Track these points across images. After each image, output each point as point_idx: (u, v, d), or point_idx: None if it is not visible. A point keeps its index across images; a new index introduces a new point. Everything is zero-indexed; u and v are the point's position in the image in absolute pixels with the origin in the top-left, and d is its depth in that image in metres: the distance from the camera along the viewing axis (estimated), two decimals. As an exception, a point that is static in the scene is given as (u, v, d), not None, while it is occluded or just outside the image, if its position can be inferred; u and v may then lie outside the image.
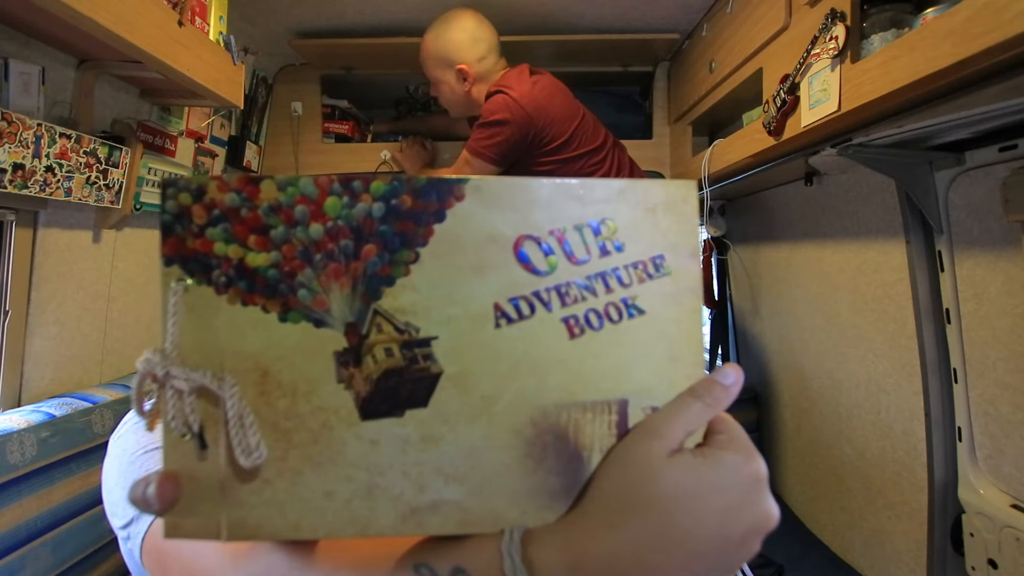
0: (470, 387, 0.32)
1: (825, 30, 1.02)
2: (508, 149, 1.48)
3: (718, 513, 0.29)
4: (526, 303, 0.32)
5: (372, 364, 0.31)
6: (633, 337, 0.33)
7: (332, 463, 0.31)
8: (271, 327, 0.31)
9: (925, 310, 1.20)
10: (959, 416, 1.17)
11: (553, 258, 0.32)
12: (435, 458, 0.32)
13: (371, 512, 0.31)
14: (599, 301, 0.33)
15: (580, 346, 0.32)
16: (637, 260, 0.33)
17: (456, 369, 0.32)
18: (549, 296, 0.32)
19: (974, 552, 1.14)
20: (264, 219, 0.31)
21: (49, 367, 1.17)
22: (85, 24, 0.87)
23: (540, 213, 0.32)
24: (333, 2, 1.56)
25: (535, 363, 0.32)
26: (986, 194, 1.06)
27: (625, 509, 0.29)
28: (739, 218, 2.02)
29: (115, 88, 1.26)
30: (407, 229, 0.32)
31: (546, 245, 0.32)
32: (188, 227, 0.31)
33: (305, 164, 2.00)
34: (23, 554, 0.95)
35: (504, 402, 0.32)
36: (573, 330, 0.32)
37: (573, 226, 0.32)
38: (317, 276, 0.31)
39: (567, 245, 0.32)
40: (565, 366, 0.32)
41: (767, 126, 1.23)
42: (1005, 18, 0.66)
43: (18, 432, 0.97)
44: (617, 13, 1.63)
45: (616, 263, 0.33)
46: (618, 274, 0.33)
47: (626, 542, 0.29)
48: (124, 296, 1.37)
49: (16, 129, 0.93)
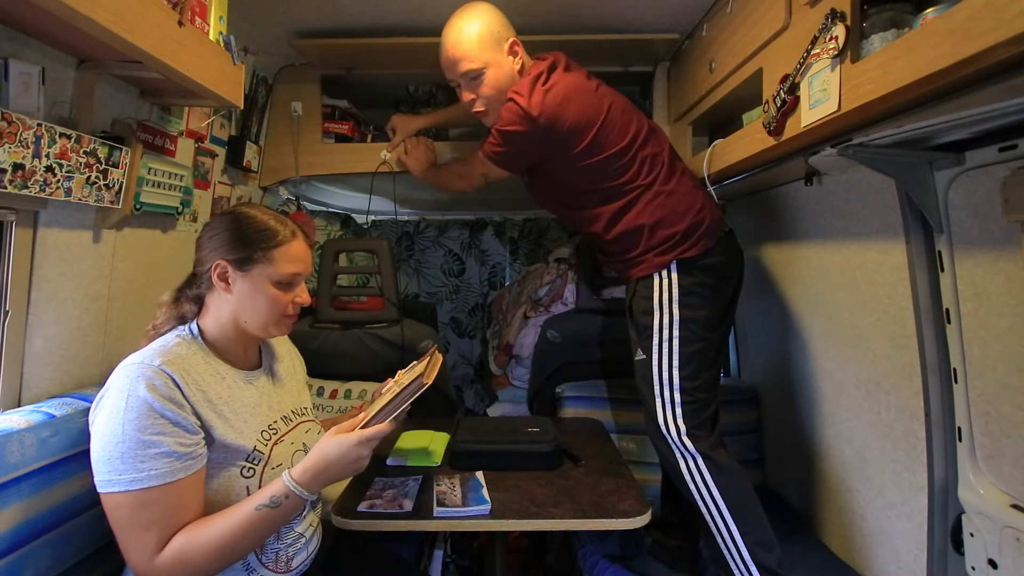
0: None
1: (825, 30, 1.02)
2: (520, 158, 1.46)
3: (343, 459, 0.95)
4: None
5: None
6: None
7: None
8: None
9: (925, 310, 1.20)
10: (959, 416, 1.17)
11: None
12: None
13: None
14: None
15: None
16: None
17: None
18: None
19: (974, 552, 1.14)
20: None
21: (49, 367, 1.17)
22: (85, 24, 0.87)
23: None
24: (333, 2, 1.56)
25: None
26: (986, 194, 1.06)
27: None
28: (739, 218, 2.02)
29: (115, 88, 1.26)
30: None
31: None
32: None
33: (305, 164, 2.01)
34: (23, 554, 0.95)
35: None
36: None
37: None
38: None
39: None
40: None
41: (767, 126, 1.23)
42: (1005, 18, 0.66)
43: (18, 432, 0.97)
44: (617, 13, 1.64)
45: None
46: None
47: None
48: (124, 296, 1.37)
49: (16, 129, 0.93)
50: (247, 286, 1.00)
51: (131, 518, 0.85)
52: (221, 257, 0.99)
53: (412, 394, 0.99)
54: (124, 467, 0.85)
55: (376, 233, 2.78)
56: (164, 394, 0.88)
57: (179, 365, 0.92)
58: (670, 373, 1.34)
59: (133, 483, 0.84)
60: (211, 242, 1.01)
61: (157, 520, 0.85)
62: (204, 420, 0.92)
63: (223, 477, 0.95)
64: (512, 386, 2.23)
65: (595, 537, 1.58)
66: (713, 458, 1.30)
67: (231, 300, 1.01)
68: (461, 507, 1.09)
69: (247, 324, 1.03)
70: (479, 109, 1.47)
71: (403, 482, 1.21)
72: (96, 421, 0.89)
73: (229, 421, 0.96)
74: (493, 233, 2.85)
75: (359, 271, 2.46)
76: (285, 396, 1.14)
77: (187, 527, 0.88)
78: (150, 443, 0.85)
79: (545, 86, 1.37)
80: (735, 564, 1.27)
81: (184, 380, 0.91)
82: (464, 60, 1.41)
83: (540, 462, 1.33)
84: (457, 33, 1.41)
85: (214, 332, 1.03)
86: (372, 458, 1.37)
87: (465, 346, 2.84)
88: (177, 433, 0.88)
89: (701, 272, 1.38)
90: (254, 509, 0.89)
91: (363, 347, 1.88)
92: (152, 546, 0.85)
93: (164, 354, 0.93)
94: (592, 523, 1.10)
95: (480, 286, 2.85)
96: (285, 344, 1.26)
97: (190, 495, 0.89)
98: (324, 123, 2.01)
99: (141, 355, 0.93)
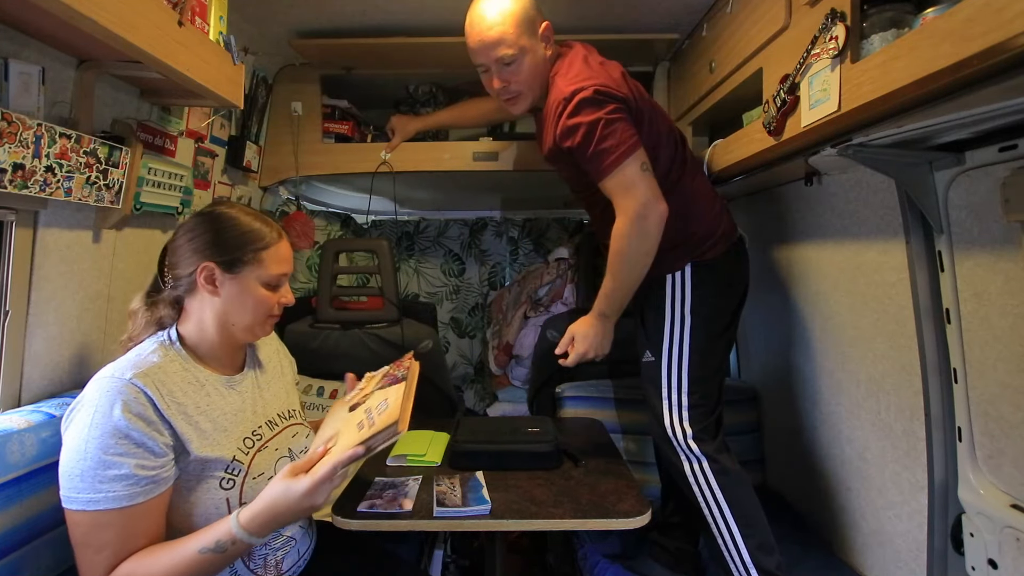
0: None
1: (825, 30, 1.02)
2: (634, 133, 1.25)
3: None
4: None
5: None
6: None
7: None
8: None
9: (925, 310, 1.20)
10: (959, 416, 1.17)
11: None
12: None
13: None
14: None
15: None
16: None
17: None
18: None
19: (974, 552, 1.14)
20: None
21: (49, 367, 1.17)
22: (85, 24, 0.87)
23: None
24: (333, 2, 1.56)
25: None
26: (986, 194, 1.06)
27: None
28: (739, 218, 2.01)
29: (115, 88, 1.26)
30: None
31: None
32: None
33: (305, 164, 2.01)
34: (23, 554, 0.95)
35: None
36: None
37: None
38: None
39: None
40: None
41: (767, 126, 1.23)
42: (1005, 18, 0.66)
43: (18, 432, 0.97)
44: (617, 13, 1.64)
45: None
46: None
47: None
48: (124, 296, 1.36)
49: (16, 129, 0.93)
50: (236, 288, 0.99)
51: (85, 537, 0.84)
52: (207, 260, 0.97)
53: (382, 442, 0.89)
54: (83, 486, 0.82)
55: (376, 233, 2.78)
56: (135, 412, 0.85)
57: (154, 377, 0.90)
58: (679, 376, 1.33)
59: (89, 504, 0.82)
60: (193, 244, 0.98)
61: (109, 543, 0.83)
62: (179, 434, 0.89)
63: (201, 489, 0.92)
64: (512, 386, 2.23)
65: (595, 537, 1.58)
66: (718, 461, 1.30)
67: (217, 303, 0.99)
68: (461, 507, 1.09)
69: (234, 327, 1.01)
70: (511, 94, 1.37)
71: (403, 482, 1.21)
72: (66, 433, 0.87)
73: (206, 433, 0.93)
74: (493, 233, 2.85)
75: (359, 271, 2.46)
76: (271, 399, 1.11)
77: (136, 555, 0.85)
78: (111, 463, 0.83)
79: (600, 63, 1.31)
80: (736, 566, 1.27)
81: (159, 393, 0.88)
82: (500, 45, 1.29)
83: (540, 462, 1.33)
84: (492, 12, 1.29)
85: (195, 337, 1.01)
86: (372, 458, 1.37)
87: (465, 346, 2.84)
88: (141, 455, 0.84)
89: (715, 276, 1.35)
90: (198, 552, 0.85)
91: (363, 347, 1.88)
92: (101, 569, 0.83)
93: (139, 366, 0.90)
94: (592, 523, 1.10)
95: (480, 286, 2.84)
96: (272, 344, 1.22)
97: (147, 520, 0.86)
98: (324, 123, 2.01)
99: (116, 367, 0.90)
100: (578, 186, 1.47)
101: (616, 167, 1.22)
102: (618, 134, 1.22)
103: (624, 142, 1.22)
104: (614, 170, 1.23)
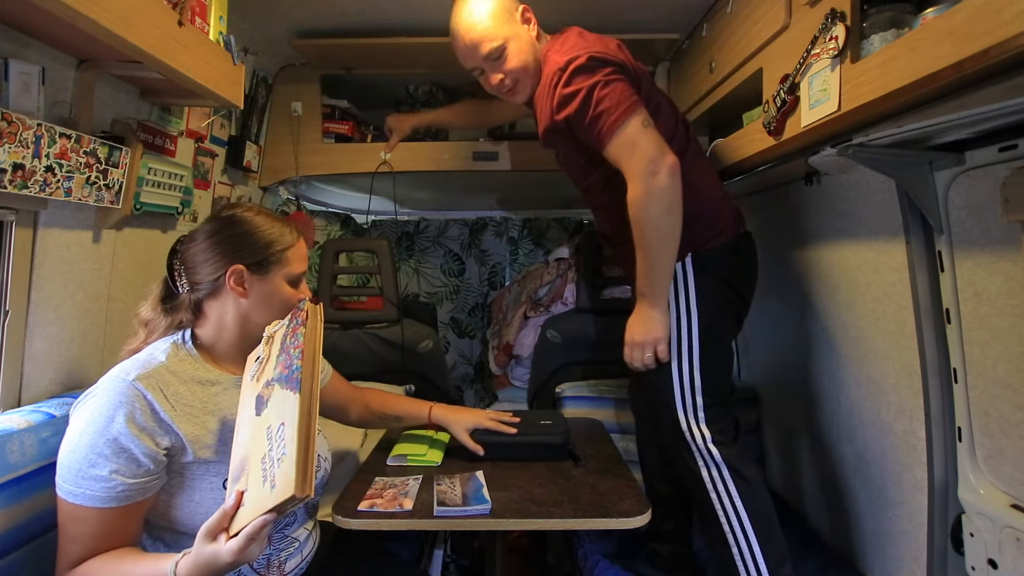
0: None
1: (825, 30, 1.02)
2: (634, 93, 1.20)
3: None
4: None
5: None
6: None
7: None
8: None
9: (925, 310, 1.20)
10: (959, 416, 1.17)
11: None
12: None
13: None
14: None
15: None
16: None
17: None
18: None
19: (974, 552, 1.14)
20: None
21: (49, 367, 1.17)
22: (85, 24, 0.87)
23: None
24: (333, 2, 1.56)
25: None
26: (986, 194, 1.06)
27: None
28: (739, 218, 2.02)
29: (115, 88, 1.26)
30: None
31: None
32: None
33: (305, 164, 2.01)
34: (23, 554, 0.95)
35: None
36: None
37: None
38: None
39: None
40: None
41: (767, 126, 1.23)
42: (1005, 18, 0.66)
43: (18, 432, 0.97)
44: (617, 13, 1.64)
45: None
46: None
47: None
48: (124, 296, 1.37)
49: (16, 129, 0.93)
50: (265, 289, 1.01)
51: (64, 524, 0.86)
52: (236, 263, 0.98)
53: (292, 507, 0.78)
54: (69, 476, 0.85)
55: (376, 233, 2.78)
56: (135, 421, 0.86)
57: (158, 379, 0.91)
58: (691, 375, 1.26)
59: (70, 495, 0.84)
60: (218, 247, 0.99)
61: (80, 537, 0.85)
62: (181, 436, 0.90)
63: (203, 488, 0.92)
64: (512, 386, 2.23)
65: (595, 537, 1.58)
66: (739, 470, 1.25)
67: (244, 304, 1.00)
68: (461, 507, 1.09)
69: (257, 326, 1.01)
70: (509, 86, 1.36)
71: (403, 482, 1.21)
72: (71, 422, 0.89)
73: (212, 431, 0.94)
74: (493, 233, 2.85)
75: (359, 271, 2.46)
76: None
77: (101, 556, 0.85)
78: (95, 463, 0.84)
79: (596, 37, 1.28)
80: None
81: (162, 395, 0.90)
82: (483, 42, 1.30)
83: (553, 452, 1.34)
84: (468, 16, 1.30)
85: (212, 338, 1.02)
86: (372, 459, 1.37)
87: (465, 346, 2.84)
88: (124, 464, 0.85)
89: (718, 266, 1.28)
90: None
91: (363, 347, 1.88)
92: (70, 559, 0.85)
93: (146, 366, 0.91)
94: (592, 523, 1.10)
95: (480, 286, 2.85)
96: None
97: (119, 524, 0.87)
98: (324, 123, 2.01)
99: (123, 367, 0.91)
100: (576, 171, 1.42)
101: (618, 127, 1.16)
102: (616, 94, 1.16)
103: (623, 102, 1.16)
104: (616, 131, 1.16)
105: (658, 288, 1.22)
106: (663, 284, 1.23)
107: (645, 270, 1.21)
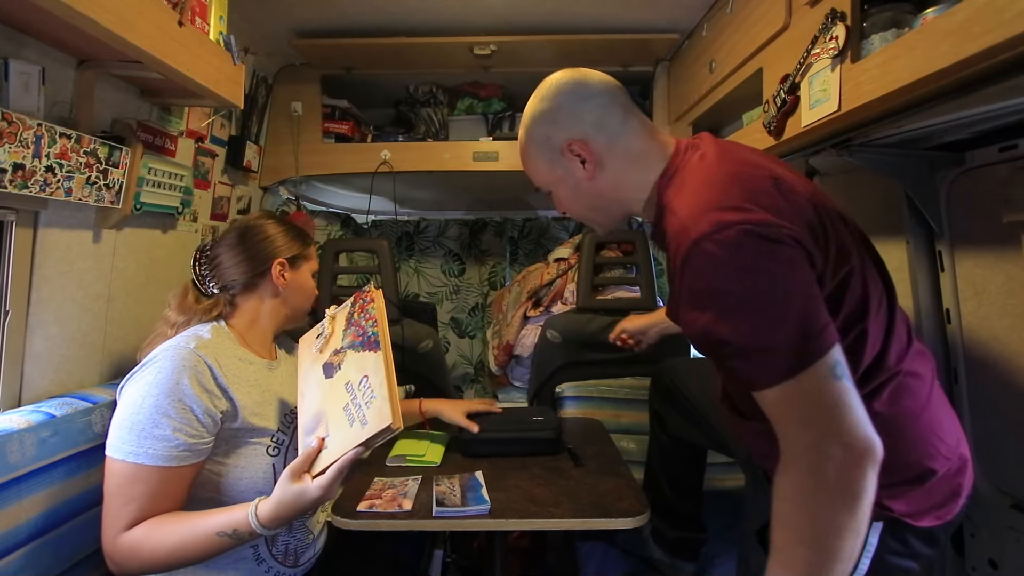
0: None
1: (825, 30, 1.02)
2: (807, 287, 0.72)
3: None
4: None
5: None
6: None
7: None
8: None
9: (925, 310, 1.20)
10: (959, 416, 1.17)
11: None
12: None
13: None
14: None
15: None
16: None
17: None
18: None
19: (974, 552, 1.14)
20: None
21: (49, 367, 1.17)
22: (85, 24, 0.87)
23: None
24: (333, 2, 1.56)
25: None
26: (986, 194, 1.06)
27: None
28: (739, 218, 2.02)
29: (115, 88, 1.26)
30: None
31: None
32: None
33: (305, 164, 2.01)
34: (23, 554, 0.95)
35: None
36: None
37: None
38: None
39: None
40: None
41: (767, 126, 1.23)
42: (1005, 18, 0.66)
43: (18, 432, 0.97)
44: (617, 13, 1.64)
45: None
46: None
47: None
48: (124, 296, 1.37)
49: (16, 129, 0.93)
50: (297, 280, 1.17)
51: (118, 488, 0.90)
52: (281, 256, 1.13)
53: (380, 440, 0.89)
54: (130, 437, 0.90)
55: (376, 233, 2.78)
56: (199, 381, 0.94)
57: (213, 349, 1.00)
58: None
59: (130, 455, 0.89)
60: (267, 243, 1.13)
61: (137, 498, 0.89)
62: (235, 400, 0.99)
63: (251, 453, 1.01)
64: (512, 386, 2.23)
65: (595, 537, 1.58)
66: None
67: (281, 293, 1.14)
68: (461, 507, 1.09)
69: (288, 313, 1.17)
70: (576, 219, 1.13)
71: (403, 482, 1.21)
72: (125, 391, 0.95)
73: (257, 402, 1.04)
74: (493, 233, 2.85)
75: (359, 271, 2.46)
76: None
77: (157, 518, 0.90)
78: (160, 423, 0.90)
79: (741, 163, 0.83)
80: None
81: (218, 364, 0.99)
82: (533, 178, 1.03)
83: (546, 448, 1.37)
84: (518, 145, 1.02)
85: (244, 327, 1.13)
86: (372, 459, 1.37)
87: (465, 346, 2.84)
88: (188, 422, 0.92)
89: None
90: (215, 534, 0.90)
91: (363, 347, 1.88)
92: (124, 522, 0.89)
93: (200, 339, 1.01)
94: (592, 523, 1.10)
95: (480, 286, 2.84)
96: (289, 341, 1.30)
97: (175, 485, 0.92)
98: (324, 123, 2.01)
99: (180, 339, 1.00)
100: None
101: (786, 378, 0.70)
102: (791, 313, 0.70)
103: (801, 330, 0.70)
104: (781, 381, 0.70)
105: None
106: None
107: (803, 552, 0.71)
